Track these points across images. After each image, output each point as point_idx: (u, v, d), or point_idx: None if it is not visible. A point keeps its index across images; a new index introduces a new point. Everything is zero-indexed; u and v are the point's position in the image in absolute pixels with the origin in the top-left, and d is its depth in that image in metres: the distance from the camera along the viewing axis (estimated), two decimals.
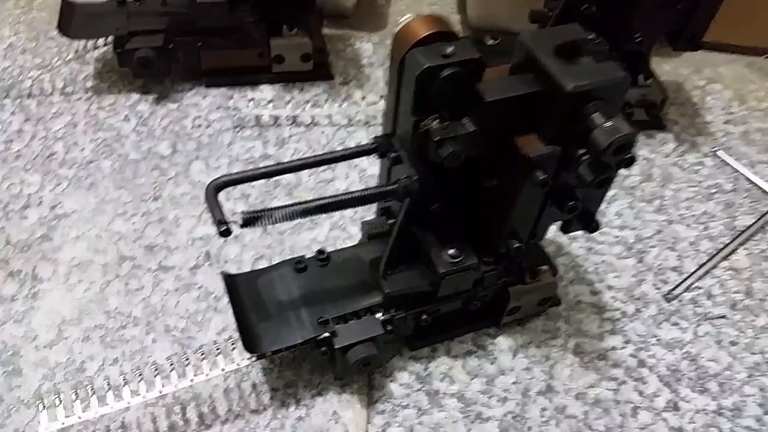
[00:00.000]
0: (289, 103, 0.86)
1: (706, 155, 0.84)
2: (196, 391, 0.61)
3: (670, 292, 0.70)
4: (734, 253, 0.74)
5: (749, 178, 0.81)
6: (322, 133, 0.84)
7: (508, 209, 0.53)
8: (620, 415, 0.61)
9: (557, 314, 0.68)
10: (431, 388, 0.63)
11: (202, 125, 0.84)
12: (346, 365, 0.58)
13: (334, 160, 0.57)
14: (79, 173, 0.79)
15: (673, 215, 0.77)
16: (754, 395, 0.63)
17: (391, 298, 0.59)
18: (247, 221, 0.52)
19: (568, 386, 0.63)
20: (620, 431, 0.60)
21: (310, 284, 0.62)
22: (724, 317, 0.68)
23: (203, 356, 0.58)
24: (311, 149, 0.82)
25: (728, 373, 0.64)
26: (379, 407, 0.61)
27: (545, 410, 0.61)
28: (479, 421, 0.61)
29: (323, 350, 0.59)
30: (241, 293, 0.61)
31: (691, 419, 0.61)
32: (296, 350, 0.62)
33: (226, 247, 0.72)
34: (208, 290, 0.68)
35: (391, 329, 0.60)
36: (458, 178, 0.53)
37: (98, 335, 0.65)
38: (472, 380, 0.63)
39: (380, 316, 0.60)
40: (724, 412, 0.62)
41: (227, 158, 0.81)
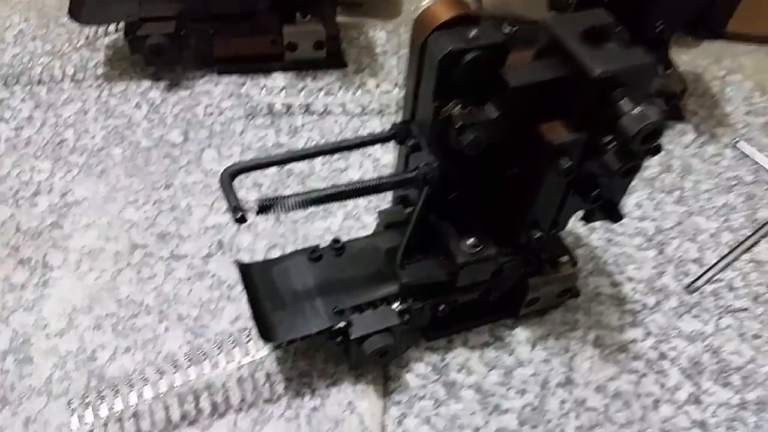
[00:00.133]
0: (302, 91, 0.84)
1: (726, 146, 0.83)
2: (209, 380, 0.60)
3: (691, 284, 0.69)
4: (756, 245, 0.72)
5: None
6: (335, 121, 0.83)
7: (530, 198, 0.52)
8: (641, 408, 0.60)
9: (576, 306, 0.66)
10: (448, 379, 0.62)
11: (214, 113, 0.83)
12: (361, 356, 0.57)
13: (351, 147, 0.56)
14: (89, 160, 0.78)
15: (693, 207, 0.76)
16: None
17: (408, 288, 0.58)
18: (262, 208, 0.51)
19: (587, 378, 0.62)
20: (641, 424, 0.59)
21: (325, 273, 0.61)
22: (746, 310, 0.67)
23: (219, 348, 0.58)
24: (324, 138, 0.81)
25: (751, 366, 0.63)
26: (395, 398, 0.60)
27: (565, 403, 0.60)
28: (497, 412, 0.60)
29: (339, 340, 0.58)
30: (255, 282, 0.60)
31: (713, 413, 0.60)
32: (310, 340, 0.61)
33: (238, 236, 0.71)
34: (221, 279, 0.67)
35: (407, 319, 0.59)
36: (479, 165, 0.51)
37: (110, 324, 0.64)
38: (489, 372, 0.62)
39: (396, 306, 0.59)
40: (748, 405, 0.61)
41: (239, 146, 0.80)
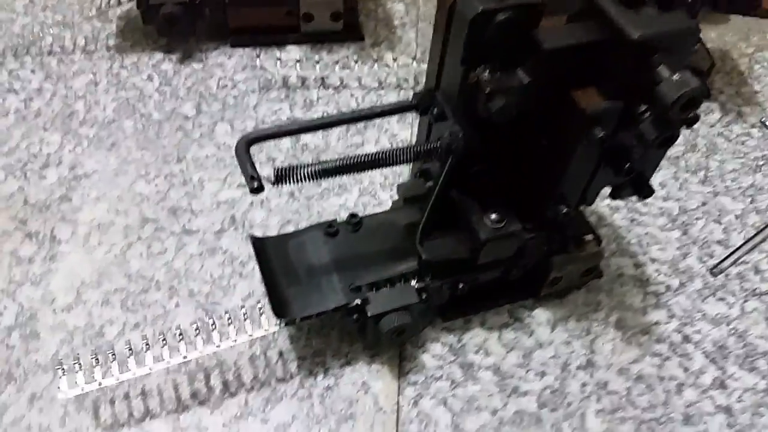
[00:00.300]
0: (317, 64, 0.82)
1: (753, 126, 0.80)
2: (220, 358, 0.58)
3: (716, 266, 0.67)
4: None
5: None
6: (351, 95, 0.81)
7: (559, 170, 0.49)
8: (664, 391, 0.58)
9: (598, 287, 0.64)
10: (465, 360, 0.60)
11: (227, 86, 0.81)
12: (378, 334, 0.56)
13: (370, 116, 0.54)
14: (100, 133, 0.76)
15: (718, 187, 0.74)
16: None
17: (427, 265, 0.56)
18: (279, 177, 0.49)
19: (609, 361, 0.60)
20: (664, 408, 0.57)
21: (341, 249, 0.59)
22: None
23: (230, 321, 0.56)
24: (340, 112, 0.79)
25: None
26: (410, 378, 0.59)
27: (586, 385, 0.58)
28: (516, 395, 0.58)
29: (355, 318, 0.56)
30: (269, 257, 0.58)
31: (739, 398, 0.58)
32: (324, 318, 0.59)
33: (251, 211, 0.69)
34: (233, 255, 0.66)
35: (425, 298, 0.57)
36: (506, 135, 0.49)
37: (119, 299, 0.62)
38: (508, 353, 0.60)
39: (415, 283, 0.57)
40: None
41: (253, 120, 0.78)
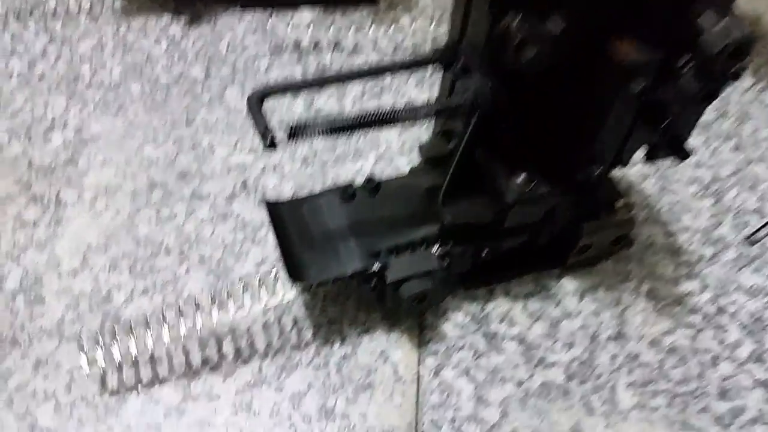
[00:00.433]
0: (330, 27, 0.79)
1: None
2: (232, 324, 0.56)
3: (751, 235, 0.63)
4: None
5: None
6: (366, 59, 0.78)
7: (593, 127, 0.46)
8: (699, 364, 0.56)
9: (628, 256, 0.61)
10: (489, 330, 0.57)
11: (237, 49, 0.78)
12: (397, 301, 0.53)
13: (388, 69, 0.52)
14: (106, 96, 0.73)
15: (752, 155, 0.70)
16: None
17: (449, 229, 0.53)
18: (293, 131, 0.46)
19: (641, 332, 0.57)
20: (699, 381, 0.55)
21: (359, 213, 0.56)
22: None
23: (244, 289, 0.53)
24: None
25: None
26: (431, 348, 0.56)
27: (616, 357, 0.56)
28: (542, 366, 0.55)
29: (373, 284, 0.53)
30: (284, 221, 0.55)
31: None
32: (340, 285, 0.56)
33: (264, 176, 0.66)
34: (245, 221, 0.63)
35: (447, 264, 0.54)
36: (536, 89, 0.46)
37: (127, 264, 0.60)
38: (533, 323, 0.57)
39: (436, 249, 0.54)
40: None
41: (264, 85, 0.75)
